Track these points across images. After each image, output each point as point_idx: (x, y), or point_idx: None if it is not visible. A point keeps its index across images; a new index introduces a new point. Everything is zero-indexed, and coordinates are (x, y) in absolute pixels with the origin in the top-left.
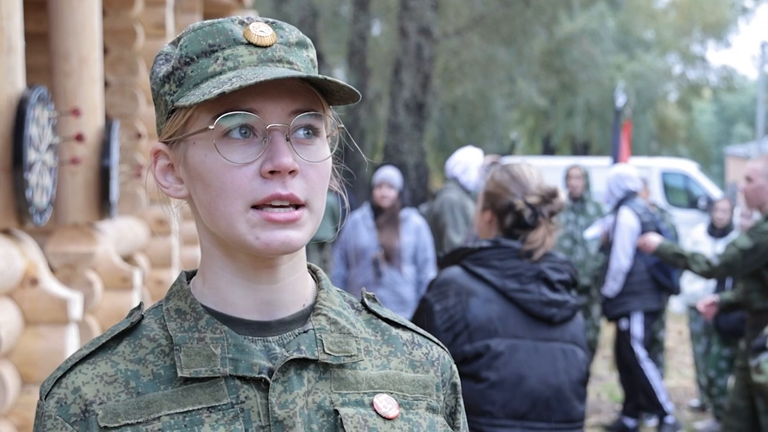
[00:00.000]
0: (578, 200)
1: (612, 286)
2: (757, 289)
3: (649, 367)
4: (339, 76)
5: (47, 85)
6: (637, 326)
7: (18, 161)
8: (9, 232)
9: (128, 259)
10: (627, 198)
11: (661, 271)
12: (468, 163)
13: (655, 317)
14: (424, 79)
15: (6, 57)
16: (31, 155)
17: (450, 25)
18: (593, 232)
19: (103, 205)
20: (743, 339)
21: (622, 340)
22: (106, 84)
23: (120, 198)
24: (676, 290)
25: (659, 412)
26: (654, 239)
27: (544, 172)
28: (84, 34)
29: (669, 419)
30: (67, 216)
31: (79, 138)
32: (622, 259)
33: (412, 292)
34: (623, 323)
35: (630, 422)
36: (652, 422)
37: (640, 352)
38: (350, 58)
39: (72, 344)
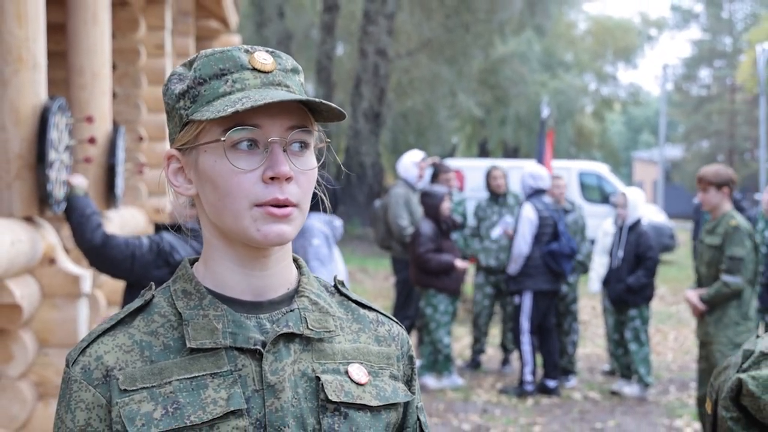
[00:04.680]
0: (501, 195)
1: (513, 267)
2: None
3: (526, 341)
4: (308, 90)
5: (65, 96)
6: (526, 302)
7: (41, 160)
8: (31, 219)
9: None
10: (534, 195)
11: (552, 258)
12: (407, 164)
13: (547, 296)
14: (380, 92)
15: (32, 72)
16: (52, 155)
17: (402, 48)
18: (497, 233)
19: (109, 197)
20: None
21: (514, 312)
22: (114, 95)
23: (124, 191)
24: (564, 276)
25: (520, 379)
26: (697, 302)
27: (480, 171)
28: (96, 53)
29: (526, 387)
30: None
31: (92, 141)
32: (522, 245)
33: None
34: (516, 299)
35: (551, 383)
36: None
37: (525, 325)
38: (318, 74)
39: (83, 314)
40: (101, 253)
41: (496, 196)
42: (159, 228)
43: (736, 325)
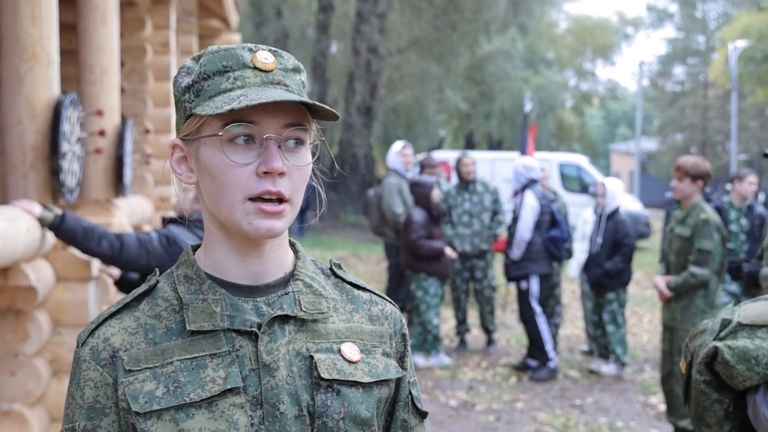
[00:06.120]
0: (470, 182)
1: (516, 252)
2: None
3: (541, 321)
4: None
5: (77, 91)
6: (534, 286)
7: (54, 151)
8: (46, 207)
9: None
10: (529, 184)
11: (553, 243)
12: (392, 155)
13: (547, 279)
14: (372, 88)
15: (46, 69)
16: (64, 146)
17: (393, 46)
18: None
19: (118, 186)
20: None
21: (521, 296)
22: (122, 90)
23: (132, 180)
24: (562, 258)
25: (543, 358)
26: (664, 288)
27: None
28: (105, 51)
29: (550, 364)
30: (90, 194)
31: (102, 133)
32: (525, 232)
33: None
34: (523, 284)
35: (533, 363)
36: (550, 364)
37: (536, 307)
38: (314, 71)
39: (93, 296)
40: (117, 257)
41: (466, 183)
42: (165, 221)
43: (702, 314)
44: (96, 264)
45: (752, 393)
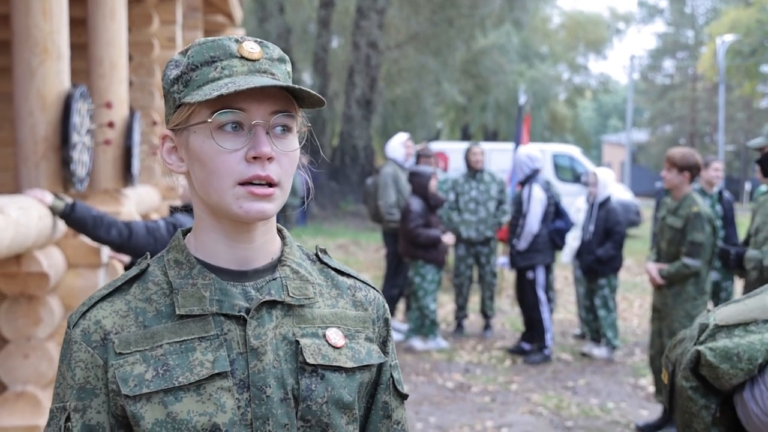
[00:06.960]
0: (478, 171)
1: (523, 243)
2: None
3: (545, 310)
4: (306, 79)
5: (86, 84)
6: (540, 276)
7: (65, 142)
8: (57, 196)
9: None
10: (533, 174)
11: (558, 234)
12: (394, 145)
13: (549, 268)
14: (372, 81)
15: (56, 62)
16: (75, 137)
17: (392, 40)
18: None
19: (127, 176)
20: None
21: (528, 286)
22: (130, 83)
23: (140, 170)
24: (562, 247)
25: (541, 344)
26: (656, 275)
27: (463, 154)
28: (114, 45)
29: (546, 351)
30: (100, 183)
31: (111, 125)
32: (534, 225)
33: None
34: (530, 274)
35: (527, 346)
36: (546, 351)
37: (542, 296)
38: (315, 65)
39: (102, 281)
40: (126, 245)
41: (474, 171)
42: (173, 209)
43: (693, 300)
44: (106, 251)
45: (738, 393)
